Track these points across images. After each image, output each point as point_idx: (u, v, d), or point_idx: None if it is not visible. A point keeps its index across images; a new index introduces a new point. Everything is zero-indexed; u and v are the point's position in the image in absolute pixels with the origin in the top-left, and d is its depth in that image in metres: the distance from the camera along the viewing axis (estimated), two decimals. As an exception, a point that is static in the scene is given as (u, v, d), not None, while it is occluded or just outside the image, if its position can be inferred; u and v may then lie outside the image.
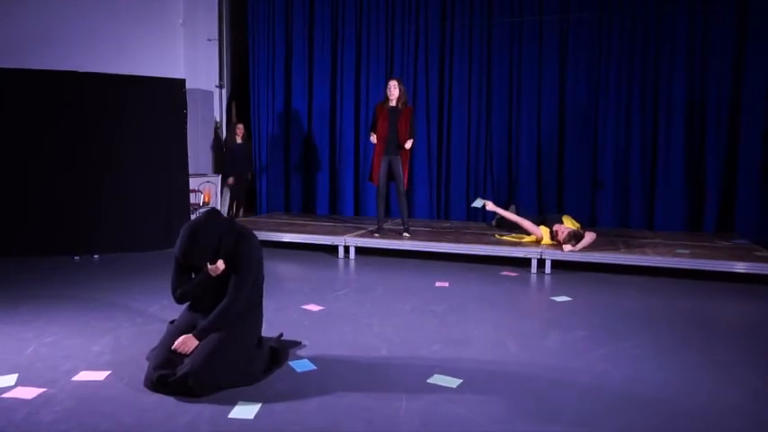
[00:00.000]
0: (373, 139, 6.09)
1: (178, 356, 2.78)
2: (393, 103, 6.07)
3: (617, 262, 5.42)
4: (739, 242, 6.13)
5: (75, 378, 2.90)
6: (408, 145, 6.06)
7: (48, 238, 5.92)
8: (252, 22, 8.44)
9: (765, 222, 6.61)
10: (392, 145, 6.10)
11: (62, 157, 5.94)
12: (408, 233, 6.25)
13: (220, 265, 2.86)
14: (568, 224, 5.92)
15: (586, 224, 7.21)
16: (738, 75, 6.69)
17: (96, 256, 6.03)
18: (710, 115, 6.81)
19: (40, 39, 6.62)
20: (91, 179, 6.04)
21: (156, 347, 2.93)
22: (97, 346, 3.38)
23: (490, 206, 6.24)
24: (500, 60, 7.55)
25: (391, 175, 6.21)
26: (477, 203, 6.36)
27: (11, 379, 2.88)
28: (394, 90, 6.04)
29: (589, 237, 5.62)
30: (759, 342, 3.62)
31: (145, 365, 2.88)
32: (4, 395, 2.71)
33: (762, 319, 4.20)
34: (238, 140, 8.29)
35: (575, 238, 5.58)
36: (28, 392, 2.73)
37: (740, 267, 5.11)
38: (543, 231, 5.87)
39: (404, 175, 6.16)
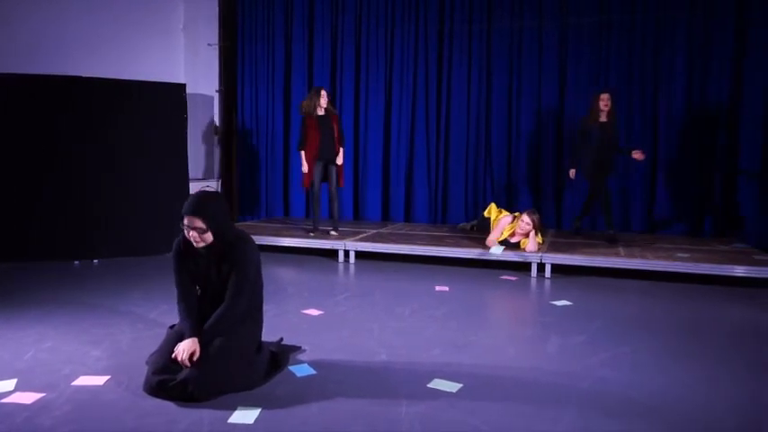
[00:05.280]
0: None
1: (177, 362, 2.78)
2: (321, 112, 6.36)
3: (617, 266, 5.43)
4: (738, 246, 6.14)
5: (75, 383, 2.90)
6: (339, 160, 6.41)
7: (48, 243, 5.91)
8: (250, 25, 8.45)
9: (766, 226, 6.60)
10: (326, 150, 6.34)
11: (62, 162, 5.94)
12: (336, 232, 6.56)
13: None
14: (494, 214, 6.18)
15: (588, 229, 7.24)
16: (738, 78, 6.69)
17: (96, 261, 6.03)
18: (710, 119, 6.81)
19: (40, 44, 6.64)
20: (91, 184, 6.04)
21: (155, 352, 2.93)
22: (96, 350, 3.38)
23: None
24: (500, 64, 7.55)
25: (325, 177, 6.51)
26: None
27: (10, 384, 2.87)
28: (322, 100, 6.36)
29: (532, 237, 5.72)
30: (758, 345, 3.62)
31: (144, 370, 2.87)
32: (4, 400, 2.70)
33: (761, 322, 4.19)
34: (602, 119, 6.06)
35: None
36: (27, 397, 2.72)
37: (739, 271, 5.12)
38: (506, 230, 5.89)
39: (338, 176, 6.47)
